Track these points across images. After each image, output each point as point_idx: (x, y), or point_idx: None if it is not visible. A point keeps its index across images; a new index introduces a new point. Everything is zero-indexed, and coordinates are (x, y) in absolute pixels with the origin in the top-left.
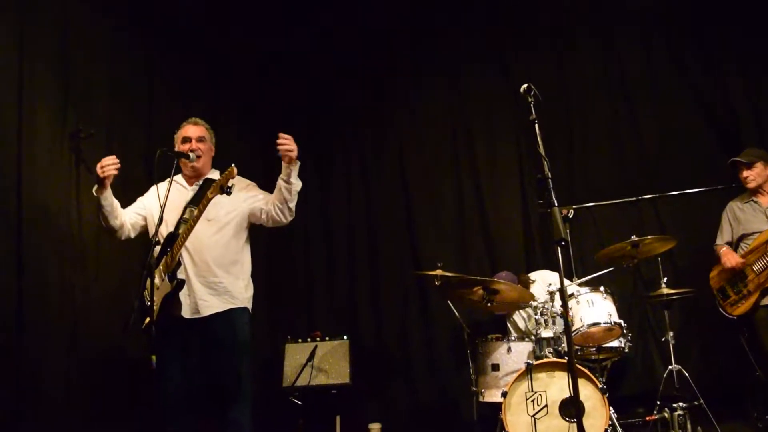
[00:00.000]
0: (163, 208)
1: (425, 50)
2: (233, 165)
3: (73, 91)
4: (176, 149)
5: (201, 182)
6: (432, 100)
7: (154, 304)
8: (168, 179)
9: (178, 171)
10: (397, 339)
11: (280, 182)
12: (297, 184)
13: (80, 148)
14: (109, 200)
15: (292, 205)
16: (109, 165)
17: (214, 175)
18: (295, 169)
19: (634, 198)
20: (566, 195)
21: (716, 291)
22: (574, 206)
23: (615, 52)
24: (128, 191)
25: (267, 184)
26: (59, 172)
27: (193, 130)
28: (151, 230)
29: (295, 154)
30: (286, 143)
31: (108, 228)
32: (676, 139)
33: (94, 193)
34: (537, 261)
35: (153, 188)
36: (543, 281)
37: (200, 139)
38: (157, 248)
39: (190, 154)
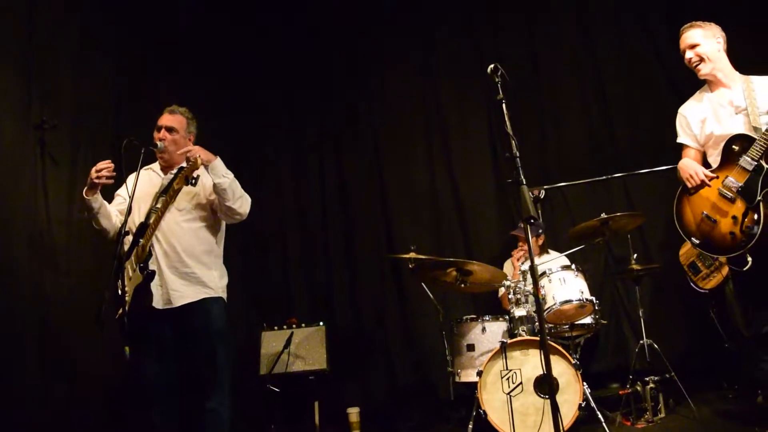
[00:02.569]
0: (131, 198)
1: (396, 29)
2: (198, 156)
3: (36, 82)
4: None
5: (175, 171)
6: (405, 83)
7: (127, 295)
8: (143, 168)
9: (149, 160)
10: (374, 323)
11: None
12: (223, 181)
13: (45, 139)
14: (99, 202)
15: (232, 203)
16: (103, 171)
17: None
18: (214, 168)
19: (604, 177)
20: (538, 176)
21: (687, 267)
22: (545, 186)
23: (587, 31)
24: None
25: (235, 166)
26: (24, 164)
27: (166, 119)
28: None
29: (204, 158)
30: (187, 152)
31: (100, 229)
32: (645, 117)
33: (84, 196)
34: (511, 241)
35: (129, 179)
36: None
37: (170, 130)
38: (128, 238)
39: (159, 144)
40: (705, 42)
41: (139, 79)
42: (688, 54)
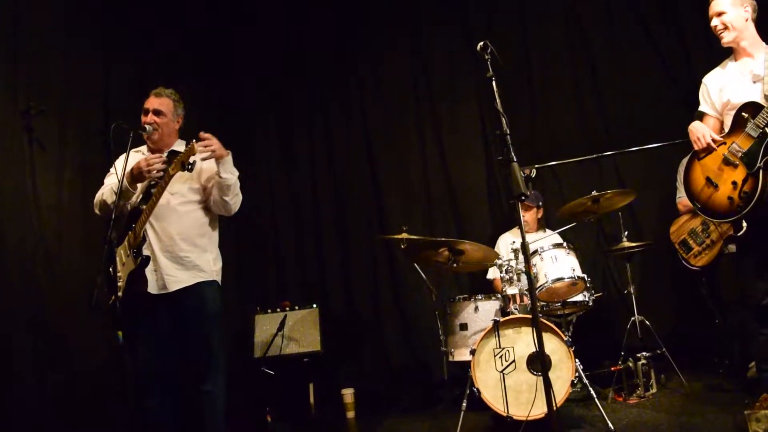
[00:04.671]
0: (120, 182)
1: (387, 11)
2: (194, 141)
3: (22, 67)
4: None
5: (165, 155)
6: (395, 65)
7: (121, 280)
8: (132, 151)
9: (137, 144)
10: (367, 304)
11: (215, 178)
12: (229, 178)
13: (32, 125)
14: (138, 189)
15: (229, 199)
16: (155, 165)
17: (180, 147)
18: (225, 163)
19: (595, 155)
20: (529, 155)
21: (678, 245)
22: (536, 166)
23: (576, 10)
24: (87, 168)
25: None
26: (12, 151)
27: (152, 101)
28: None
29: (218, 153)
30: (206, 145)
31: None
32: (635, 94)
33: (130, 188)
34: (503, 220)
35: (118, 162)
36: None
37: (157, 113)
38: (119, 222)
39: (147, 127)
40: (732, 10)
41: (127, 63)
42: (714, 21)
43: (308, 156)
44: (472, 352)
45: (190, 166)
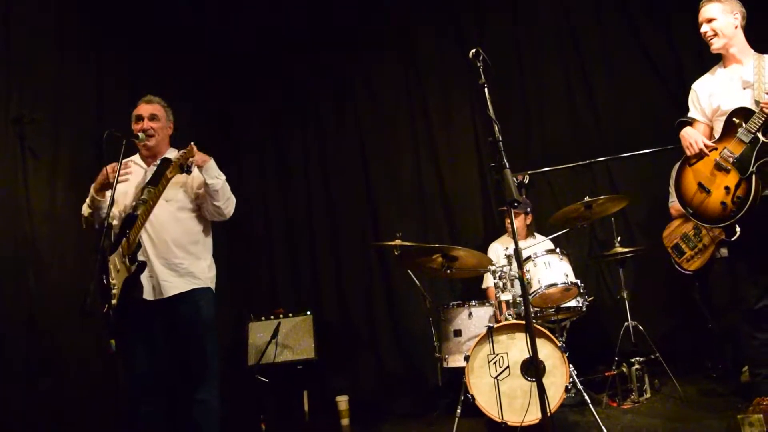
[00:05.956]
0: (114, 188)
1: (379, 18)
2: (192, 143)
3: (14, 74)
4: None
5: (158, 162)
6: (389, 71)
7: (115, 288)
8: (125, 160)
9: (131, 152)
10: (361, 311)
11: (203, 186)
12: (215, 183)
13: (24, 133)
14: (107, 198)
15: (220, 204)
16: (123, 174)
17: (172, 153)
18: (208, 169)
19: (587, 161)
20: (522, 161)
21: (670, 249)
22: (529, 172)
23: (569, 16)
24: (79, 176)
25: (218, 158)
26: (4, 159)
27: (145, 108)
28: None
29: (197, 161)
30: (190, 157)
31: (93, 222)
32: (628, 100)
33: (97, 197)
34: (496, 227)
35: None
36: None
37: (152, 118)
38: (111, 230)
39: (140, 134)
40: (721, 17)
41: (120, 72)
42: (704, 28)
43: (302, 164)
44: (467, 359)
45: (188, 168)
